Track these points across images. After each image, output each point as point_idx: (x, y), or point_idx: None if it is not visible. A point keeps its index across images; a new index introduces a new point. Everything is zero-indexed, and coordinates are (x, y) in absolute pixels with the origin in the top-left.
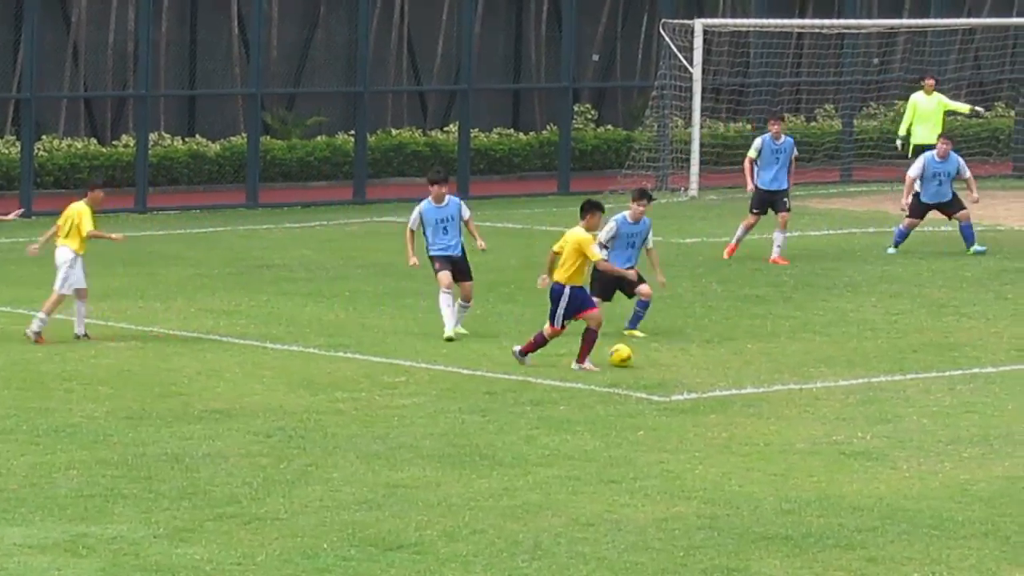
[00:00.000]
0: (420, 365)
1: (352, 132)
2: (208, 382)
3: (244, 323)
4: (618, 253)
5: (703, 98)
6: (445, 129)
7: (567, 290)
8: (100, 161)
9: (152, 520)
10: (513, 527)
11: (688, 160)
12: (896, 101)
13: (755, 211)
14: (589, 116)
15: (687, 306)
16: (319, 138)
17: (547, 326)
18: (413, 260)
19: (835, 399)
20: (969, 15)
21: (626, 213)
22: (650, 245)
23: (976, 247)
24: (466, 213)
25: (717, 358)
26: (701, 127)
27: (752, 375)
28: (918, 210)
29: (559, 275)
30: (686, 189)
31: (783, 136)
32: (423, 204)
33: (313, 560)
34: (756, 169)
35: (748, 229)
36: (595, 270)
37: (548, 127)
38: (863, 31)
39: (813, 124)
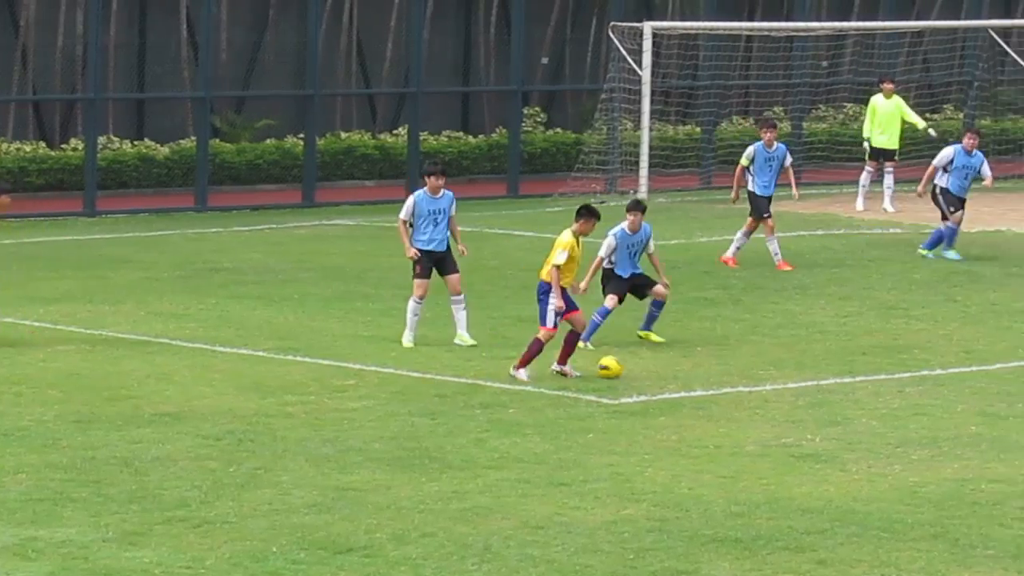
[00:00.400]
0: (370, 368)
1: (301, 135)
2: (157, 386)
3: (193, 326)
4: (621, 263)
5: (652, 101)
6: (395, 132)
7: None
8: (49, 164)
9: (101, 524)
10: (463, 530)
11: (637, 163)
12: (845, 104)
13: (756, 216)
14: (538, 119)
15: (636, 309)
16: (268, 141)
17: (540, 330)
18: (412, 252)
19: (785, 401)
20: (918, 18)
21: (624, 225)
22: (651, 250)
23: (930, 253)
24: (453, 209)
25: (666, 361)
26: (650, 130)
27: (702, 378)
28: (959, 203)
29: (544, 274)
30: (635, 192)
31: (775, 144)
32: (418, 194)
33: (262, 563)
34: (751, 176)
35: (749, 234)
36: (604, 271)
37: (497, 130)
38: (812, 34)
39: None
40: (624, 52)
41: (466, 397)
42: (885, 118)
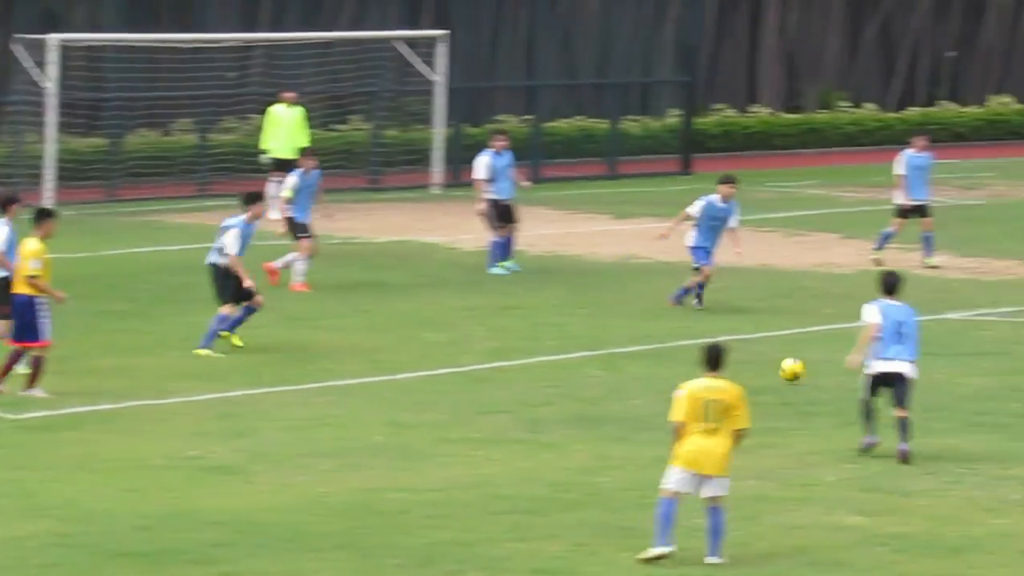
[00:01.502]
0: None
1: None
2: None
3: None
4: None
5: (58, 113)
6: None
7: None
8: None
9: None
10: None
11: (43, 175)
12: (252, 115)
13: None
14: None
15: None
16: None
17: (34, 346)
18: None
19: (191, 414)
20: (325, 29)
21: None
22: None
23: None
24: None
25: (71, 375)
26: (56, 143)
27: (107, 391)
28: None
29: (23, 287)
30: (41, 203)
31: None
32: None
33: None
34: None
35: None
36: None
37: None
38: (218, 45)
39: (169, 138)
40: (28, 64)
41: None
42: (286, 128)
